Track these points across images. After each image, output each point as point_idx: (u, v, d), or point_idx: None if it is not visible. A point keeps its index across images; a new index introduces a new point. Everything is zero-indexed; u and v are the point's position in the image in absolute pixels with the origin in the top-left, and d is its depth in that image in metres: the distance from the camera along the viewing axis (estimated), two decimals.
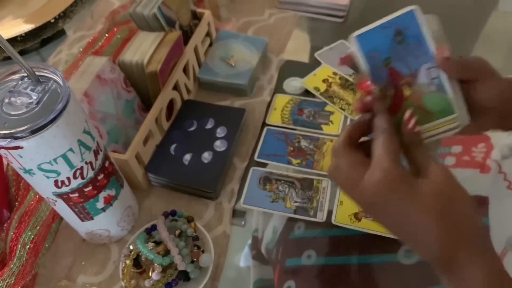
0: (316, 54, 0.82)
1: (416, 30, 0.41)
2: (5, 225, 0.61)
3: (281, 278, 0.56)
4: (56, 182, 0.46)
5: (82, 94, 0.58)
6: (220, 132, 0.67)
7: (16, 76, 0.45)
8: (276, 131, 0.71)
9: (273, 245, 0.59)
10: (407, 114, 0.39)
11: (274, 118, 0.73)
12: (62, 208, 0.51)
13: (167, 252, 0.55)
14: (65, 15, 0.93)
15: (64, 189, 0.48)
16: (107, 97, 0.62)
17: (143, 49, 0.64)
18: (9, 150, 0.41)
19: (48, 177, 0.46)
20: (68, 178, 0.47)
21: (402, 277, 0.54)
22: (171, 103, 0.69)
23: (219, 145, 0.66)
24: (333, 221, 0.59)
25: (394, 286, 0.53)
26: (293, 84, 0.78)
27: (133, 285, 0.54)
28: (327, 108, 0.73)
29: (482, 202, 0.56)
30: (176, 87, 0.70)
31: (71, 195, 0.49)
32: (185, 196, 0.64)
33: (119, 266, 0.57)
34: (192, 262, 0.54)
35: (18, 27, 0.89)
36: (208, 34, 0.80)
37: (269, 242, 0.60)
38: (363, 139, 0.42)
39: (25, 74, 0.44)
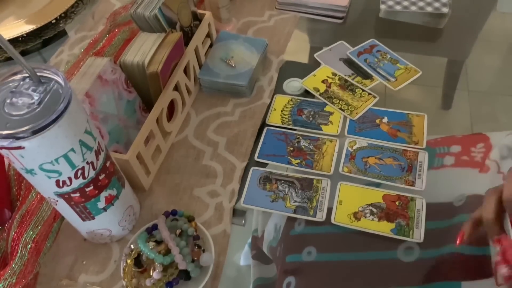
0: (315, 55, 0.82)
1: None
2: (6, 224, 0.61)
3: (281, 274, 0.56)
4: (57, 182, 0.47)
5: (83, 95, 0.58)
6: None
7: (18, 76, 0.45)
8: (276, 131, 0.71)
9: (276, 243, 0.59)
10: None
11: (274, 118, 0.73)
12: (63, 207, 0.52)
13: (168, 252, 0.55)
14: (66, 15, 0.93)
15: (66, 189, 0.48)
16: (108, 97, 0.62)
17: (144, 49, 0.65)
18: (10, 150, 0.42)
19: (49, 177, 0.46)
20: (70, 178, 0.47)
21: (401, 274, 0.54)
22: (172, 104, 0.69)
23: None
24: (332, 221, 0.59)
25: (393, 282, 0.54)
26: (293, 84, 0.78)
27: (134, 284, 0.54)
28: (327, 108, 0.74)
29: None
30: (176, 88, 0.70)
31: (72, 195, 0.49)
32: (186, 196, 0.65)
33: (120, 265, 0.57)
34: (193, 261, 0.55)
35: (19, 27, 0.89)
36: (208, 35, 0.80)
37: (272, 240, 0.60)
38: None
39: (27, 75, 0.44)
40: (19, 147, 0.41)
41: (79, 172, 0.47)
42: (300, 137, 0.70)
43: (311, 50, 0.86)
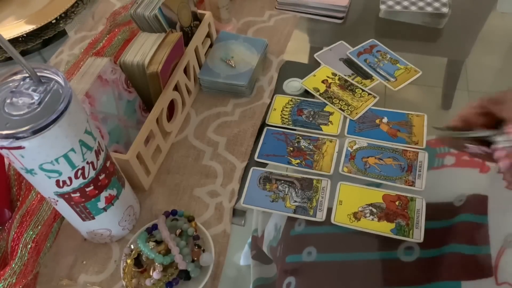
0: (315, 55, 0.82)
1: None
2: (6, 224, 0.61)
3: (281, 275, 0.56)
4: (57, 182, 0.47)
5: (83, 95, 0.58)
6: None
7: (18, 76, 0.45)
8: (276, 131, 0.71)
9: (276, 242, 0.59)
10: None
11: (274, 118, 0.73)
12: (63, 207, 0.52)
13: (167, 251, 0.55)
14: (67, 15, 0.93)
15: (66, 189, 0.48)
16: (109, 97, 0.62)
17: (144, 50, 0.65)
18: (11, 150, 0.42)
19: (49, 177, 0.46)
20: (70, 178, 0.47)
21: (401, 273, 0.54)
22: (172, 104, 0.69)
23: None
24: (332, 221, 0.59)
25: (393, 282, 0.54)
26: (293, 84, 0.78)
27: (134, 284, 0.54)
28: (327, 108, 0.74)
29: (481, 201, 0.56)
30: (176, 88, 0.70)
31: (72, 195, 0.49)
32: (186, 196, 0.65)
33: (120, 265, 0.57)
34: (193, 261, 0.55)
35: (19, 27, 0.89)
36: (208, 35, 0.80)
37: (272, 240, 0.60)
38: None
39: (27, 75, 0.44)
40: (19, 147, 0.41)
41: (79, 172, 0.47)
42: (300, 137, 0.70)
43: (311, 50, 0.86)
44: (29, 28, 0.89)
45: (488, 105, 0.49)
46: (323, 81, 0.77)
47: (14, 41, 0.88)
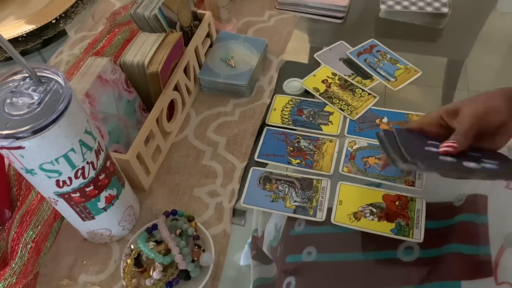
0: (315, 55, 0.82)
1: None
2: (6, 224, 0.61)
3: (281, 275, 0.56)
4: (57, 182, 0.47)
5: (83, 95, 0.58)
6: None
7: (18, 76, 0.45)
8: (276, 131, 0.71)
9: (277, 242, 0.59)
10: None
11: (274, 118, 0.73)
12: (63, 207, 0.52)
13: (168, 251, 0.55)
14: (66, 15, 0.94)
15: (66, 189, 0.48)
16: (109, 97, 0.62)
17: (144, 50, 0.65)
18: (11, 150, 0.42)
19: (49, 177, 0.46)
20: (70, 178, 0.47)
21: (401, 273, 0.54)
22: (172, 104, 0.69)
23: None
24: (332, 221, 0.59)
25: (393, 282, 0.54)
26: (293, 84, 0.78)
27: (134, 284, 0.54)
28: (327, 108, 0.74)
29: (481, 201, 0.56)
30: (176, 88, 0.70)
31: (72, 195, 0.49)
32: (186, 196, 0.65)
33: (120, 265, 0.57)
34: (193, 261, 0.55)
35: (19, 27, 0.89)
36: (208, 35, 0.80)
37: (272, 240, 0.60)
38: None
39: (27, 75, 0.44)
40: (19, 147, 0.41)
41: (79, 172, 0.47)
42: (300, 137, 0.70)
43: (311, 50, 0.86)
44: (29, 28, 0.89)
45: (444, 116, 0.55)
46: (323, 81, 0.77)
47: (14, 41, 0.88)
